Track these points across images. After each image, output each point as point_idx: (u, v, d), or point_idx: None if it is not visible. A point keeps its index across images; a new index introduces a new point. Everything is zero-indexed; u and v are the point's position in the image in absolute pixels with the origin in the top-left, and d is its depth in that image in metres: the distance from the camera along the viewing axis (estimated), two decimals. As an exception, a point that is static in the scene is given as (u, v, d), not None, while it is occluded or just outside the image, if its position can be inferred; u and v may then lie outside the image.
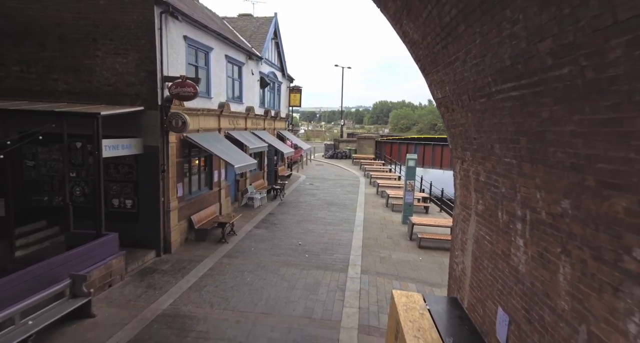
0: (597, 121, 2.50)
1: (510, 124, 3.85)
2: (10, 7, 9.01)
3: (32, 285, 6.15)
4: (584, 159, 2.77)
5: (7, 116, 8.02)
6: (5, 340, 5.30)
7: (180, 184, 10.64)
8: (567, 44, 2.52)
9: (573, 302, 3.06)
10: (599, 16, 2.15)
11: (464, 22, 3.85)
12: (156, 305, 7.37)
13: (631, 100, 2.13)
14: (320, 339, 6.40)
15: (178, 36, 10.09)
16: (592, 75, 2.40)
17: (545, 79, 2.96)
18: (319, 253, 10.67)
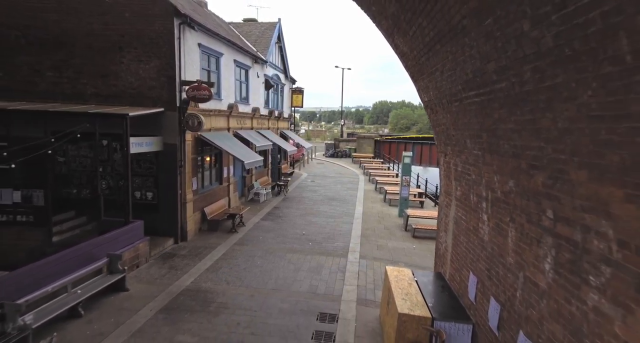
0: (524, 121, 3.54)
1: (475, 122, 4.89)
2: (47, 19, 10.04)
3: (76, 262, 7.17)
4: (519, 149, 3.80)
5: (44, 117, 9.03)
6: (61, 304, 6.33)
7: (194, 179, 11.68)
8: (502, 66, 3.56)
9: (515, 257, 4.11)
10: (516, 50, 3.19)
11: (439, 42, 4.88)
12: (179, 282, 8.40)
13: (539, 107, 3.17)
14: (324, 309, 7.43)
15: (193, 44, 11.12)
16: (518, 89, 3.44)
17: (493, 90, 3.99)
18: (321, 241, 11.70)
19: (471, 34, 3.88)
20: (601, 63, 2.29)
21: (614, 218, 2.53)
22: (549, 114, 3.05)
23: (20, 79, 10.38)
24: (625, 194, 2.38)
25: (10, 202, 9.15)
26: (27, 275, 6.12)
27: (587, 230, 2.85)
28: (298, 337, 6.45)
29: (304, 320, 6.99)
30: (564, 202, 3.13)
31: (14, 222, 9.20)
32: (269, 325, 6.79)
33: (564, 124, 2.89)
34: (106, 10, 9.97)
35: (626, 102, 2.19)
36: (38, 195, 9.16)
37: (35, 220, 9.19)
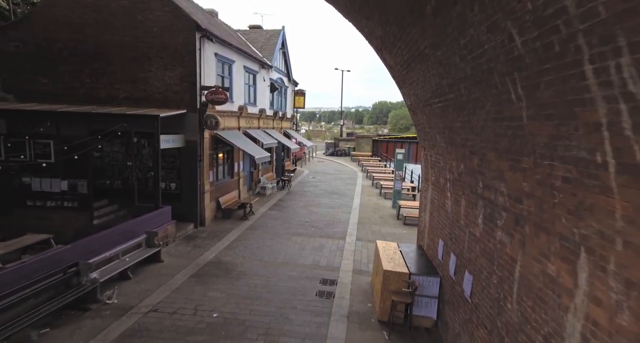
0: (464, 121, 5.12)
1: (440, 122, 6.48)
2: (86, 34, 11.62)
3: (122, 237, 8.75)
4: (464, 140, 5.39)
5: (86, 118, 10.60)
6: (115, 267, 7.91)
7: (211, 172, 13.27)
8: (450, 83, 5.15)
9: (465, 219, 5.70)
10: (455, 73, 4.77)
11: (413, 62, 6.46)
12: (204, 256, 9.99)
13: (470, 111, 4.76)
14: (326, 276, 9.02)
15: (211, 53, 12.71)
16: (459, 99, 5.03)
17: (447, 99, 5.58)
18: (322, 227, 13.29)
19: (431, 59, 5.46)
20: (490, 87, 3.88)
21: (506, 181, 4.13)
22: (475, 116, 4.65)
23: (62, 85, 11.96)
24: (509, 165, 3.98)
25: (59, 190, 10.73)
26: (89, 244, 7.71)
27: (496, 191, 4.45)
28: (304, 294, 8.04)
29: (309, 284, 8.58)
30: (486, 175, 4.72)
31: (62, 207, 10.79)
32: (280, 286, 8.37)
33: (482, 123, 4.48)
34: (137, 25, 11.56)
35: (502, 110, 3.78)
36: (82, 184, 10.75)
37: (79, 206, 10.77)
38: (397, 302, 6.73)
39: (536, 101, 3.11)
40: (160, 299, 7.51)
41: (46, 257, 6.79)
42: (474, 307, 5.13)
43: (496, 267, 4.48)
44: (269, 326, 6.72)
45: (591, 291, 2.74)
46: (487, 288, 4.69)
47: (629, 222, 2.34)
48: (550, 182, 3.21)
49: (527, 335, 3.65)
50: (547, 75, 2.82)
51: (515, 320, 3.92)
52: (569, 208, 2.98)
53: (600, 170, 2.52)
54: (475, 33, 3.69)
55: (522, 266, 3.84)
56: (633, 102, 2.08)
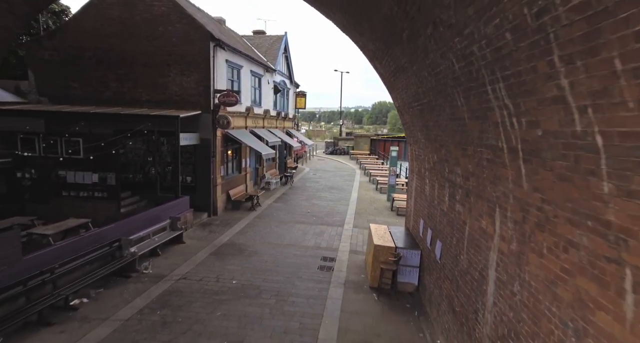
0: (435, 120, 6.56)
1: (419, 121, 7.91)
2: (113, 43, 13.05)
3: (150, 221, 10.17)
4: (436, 136, 6.83)
5: (113, 118, 12.03)
6: (148, 245, 9.34)
7: (222, 167, 14.70)
8: (423, 91, 6.58)
9: (437, 199, 7.14)
10: (426, 84, 6.20)
11: (397, 71, 7.90)
12: (219, 240, 11.42)
13: (437, 113, 6.20)
14: (326, 255, 10.45)
15: (222, 60, 14.14)
16: (430, 103, 6.46)
17: (422, 103, 7.01)
18: (323, 217, 14.72)
19: (409, 72, 6.90)
20: (446, 96, 5.32)
21: (460, 165, 5.57)
22: (440, 117, 6.08)
23: (90, 89, 13.40)
24: (462, 153, 5.42)
25: (91, 182, 12.16)
26: (127, 224, 9.14)
27: (455, 174, 5.89)
28: (308, 267, 9.48)
29: (311, 260, 10.02)
30: (450, 162, 6.16)
31: (93, 197, 12.21)
32: (287, 262, 9.81)
33: (445, 122, 5.92)
34: (158, 35, 12.99)
35: (454, 112, 5.22)
36: (111, 177, 12.17)
37: (108, 196, 12.20)
38: (385, 270, 8.17)
39: (470, 107, 4.54)
40: (187, 270, 8.95)
41: (95, 234, 8.23)
42: (442, 266, 6.57)
43: (455, 231, 5.92)
44: (279, 290, 8.15)
45: (500, 232, 4.18)
46: (450, 249, 6.14)
47: (514, 184, 3.78)
48: (481, 162, 4.65)
49: (471, 274, 5.08)
50: (473, 90, 4.25)
51: (464, 266, 5.36)
52: (490, 179, 4.42)
53: (501, 152, 3.96)
54: (434, 57, 5.12)
55: (469, 226, 5.27)
56: (507, 109, 3.52)
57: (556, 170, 2.95)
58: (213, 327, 6.52)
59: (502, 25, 3.05)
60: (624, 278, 2.31)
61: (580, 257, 2.74)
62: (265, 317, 6.98)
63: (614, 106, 2.15)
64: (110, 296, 7.48)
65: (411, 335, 6.64)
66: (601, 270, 2.51)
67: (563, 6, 2.28)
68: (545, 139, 3.01)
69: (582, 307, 2.71)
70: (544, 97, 2.85)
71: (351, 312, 7.36)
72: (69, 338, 5.95)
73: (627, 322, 2.28)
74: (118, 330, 6.26)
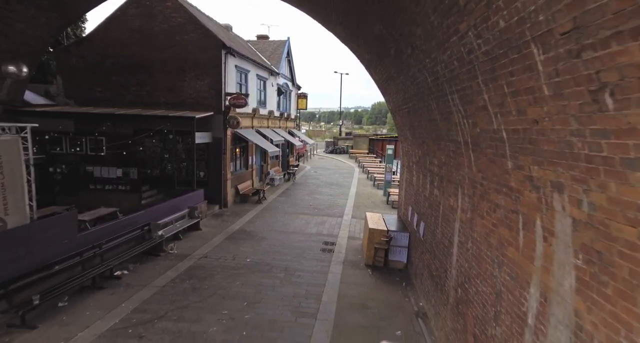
0: (418, 120, 7.92)
1: (407, 121, 9.26)
2: (133, 51, 14.39)
3: (172, 209, 11.49)
4: (420, 134, 8.18)
5: (135, 118, 13.36)
6: (171, 229, 10.67)
7: (232, 163, 16.04)
8: (409, 96, 7.94)
9: (421, 187, 8.49)
10: (410, 90, 7.56)
11: (389, 79, 9.24)
12: (231, 227, 12.77)
13: (419, 115, 7.56)
14: (327, 240, 11.79)
15: (232, 65, 15.48)
16: (414, 107, 7.82)
17: (409, 106, 8.37)
18: (324, 209, 16.06)
19: (397, 80, 8.24)
20: (425, 101, 6.67)
21: (436, 157, 6.93)
22: (422, 118, 7.43)
23: (113, 92, 14.73)
24: (437, 147, 6.77)
25: (115, 176, 13.50)
26: (153, 212, 10.48)
27: (433, 164, 7.24)
28: (311, 250, 10.83)
29: (314, 244, 11.37)
30: (429, 155, 7.51)
31: (117, 190, 13.55)
32: (293, 245, 11.15)
33: (425, 123, 7.26)
34: (174, 44, 14.33)
35: (430, 114, 6.57)
36: (133, 171, 13.51)
37: (130, 188, 13.53)
38: (378, 249, 9.52)
39: (440, 111, 5.89)
40: (206, 251, 10.29)
41: (129, 218, 9.57)
42: (424, 242, 7.92)
43: (433, 211, 7.26)
44: (287, 266, 9.50)
45: (461, 206, 5.53)
46: (430, 226, 7.49)
47: (468, 168, 5.12)
48: (449, 154, 5.99)
49: (443, 244, 6.43)
50: (441, 98, 5.59)
51: (439, 238, 6.71)
52: (455, 166, 5.77)
53: (460, 145, 5.30)
54: (414, 71, 6.47)
55: (442, 205, 6.62)
56: (460, 113, 4.86)
57: (488, 156, 4.30)
58: (234, 293, 7.86)
59: (452, 56, 4.40)
60: (518, 222, 3.65)
61: (501, 213, 4.09)
62: (276, 285, 8.33)
63: (507, 113, 3.49)
64: (145, 269, 8.82)
65: (399, 299, 7.99)
66: (510, 219, 3.86)
67: (479, 50, 3.63)
68: (481, 134, 4.35)
69: (501, 247, 4.06)
70: (477, 105, 4.19)
71: (349, 283, 8.70)
72: (119, 299, 7.29)
73: (520, 249, 3.63)
74: (157, 293, 7.61)
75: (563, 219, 2.87)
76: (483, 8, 3.20)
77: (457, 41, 4.11)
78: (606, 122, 2.20)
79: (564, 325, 2.87)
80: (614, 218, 2.29)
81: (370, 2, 6.43)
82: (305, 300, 7.67)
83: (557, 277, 2.97)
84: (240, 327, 6.54)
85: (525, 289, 3.51)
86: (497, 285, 4.14)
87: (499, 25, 3.06)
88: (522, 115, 3.22)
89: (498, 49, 3.26)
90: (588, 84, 2.26)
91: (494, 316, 4.18)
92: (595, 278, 2.51)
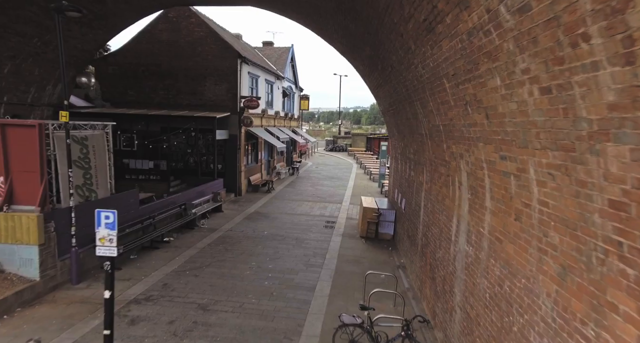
0: (401, 119, 10.25)
1: (393, 120, 11.60)
2: (162, 60, 16.69)
3: (199, 194, 13.79)
4: (403, 130, 10.53)
5: (164, 118, 15.65)
6: (200, 209, 12.98)
7: (245, 157, 18.35)
8: (395, 100, 10.27)
9: (403, 172, 10.85)
10: (397, 95, 9.88)
11: (379, 86, 11.58)
12: (247, 210, 15.08)
13: (402, 115, 9.91)
14: (329, 219, 14.12)
15: (245, 72, 17.78)
16: (398, 109, 10.15)
17: (395, 107, 10.70)
18: (325, 197, 18.39)
19: (385, 87, 10.55)
20: (404, 105, 9.00)
21: (413, 147, 9.26)
22: (403, 117, 9.75)
23: (143, 96, 17.03)
24: (412, 139, 9.10)
25: (147, 168, 15.80)
26: (187, 195, 12.79)
27: (410, 153, 9.58)
28: (316, 226, 13.15)
29: (318, 222, 13.69)
30: (408, 146, 9.84)
31: (149, 180, 15.84)
32: (301, 223, 13.47)
33: (405, 121, 9.58)
34: (197, 54, 16.64)
35: (406, 114, 8.90)
36: (163, 163, 15.81)
37: (160, 178, 15.84)
38: (370, 223, 11.85)
39: (411, 112, 8.19)
40: (230, 226, 12.61)
41: (170, 199, 11.89)
42: (405, 214, 10.24)
43: (410, 188, 9.58)
44: (297, 237, 11.81)
45: (425, 180, 7.84)
46: (408, 200, 9.80)
47: (427, 152, 7.45)
48: (419, 143, 8.31)
49: (415, 210, 8.74)
50: (411, 103, 7.91)
51: (413, 206, 9.03)
52: (421, 152, 8.09)
53: (423, 136, 7.63)
54: (394, 83, 8.78)
55: (416, 182, 8.93)
56: (422, 114, 7.19)
57: (435, 142, 6.62)
58: (258, 252, 10.18)
59: (413, 77, 6.71)
60: (449, 181, 5.98)
61: (443, 179, 6.41)
62: (290, 248, 10.65)
63: (440, 114, 5.81)
64: (186, 237, 11.15)
65: (385, 258, 10.32)
66: (447, 181, 6.18)
67: (424, 76, 5.94)
68: (432, 128, 6.67)
69: (443, 200, 6.38)
70: (428, 109, 6.51)
71: (346, 247, 11.03)
72: (173, 255, 9.61)
73: (450, 198, 5.95)
74: (200, 252, 9.93)
75: (463, 173, 5.19)
76: (421, 54, 5.52)
77: (413, 69, 6.42)
78: (469, 119, 4.52)
79: (464, 233, 5.19)
80: (477, 168, 4.61)
81: (361, 33, 8.76)
82: (313, 257, 10.00)
83: (462, 207, 5.30)
84: (266, 272, 8.86)
85: (451, 220, 5.83)
86: (440, 225, 6.47)
87: (430, 65, 5.38)
88: (445, 116, 5.54)
89: (432, 77, 5.58)
90: (462, 100, 4.58)
91: (439, 245, 6.50)
92: (474, 203, 4.82)
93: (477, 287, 4.64)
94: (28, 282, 6.69)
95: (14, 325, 6.03)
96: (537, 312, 3.20)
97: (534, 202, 3.27)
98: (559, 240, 2.89)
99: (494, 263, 4.16)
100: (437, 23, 4.41)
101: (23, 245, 6.71)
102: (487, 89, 3.80)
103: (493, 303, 4.14)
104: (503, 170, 3.87)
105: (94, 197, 8.86)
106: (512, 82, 3.21)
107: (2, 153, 6.82)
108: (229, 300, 7.30)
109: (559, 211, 2.87)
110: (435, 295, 6.65)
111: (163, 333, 6.05)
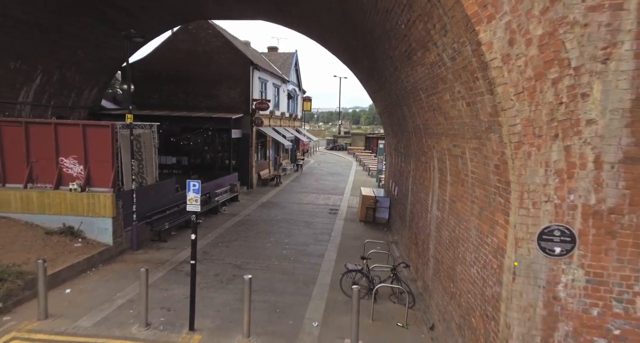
0: (394, 119, 12.25)
1: (388, 120, 13.60)
2: (181, 66, 18.65)
3: (218, 186, 15.74)
4: (395, 128, 12.53)
5: (184, 119, 17.60)
6: (221, 198, 14.94)
7: (255, 154, 20.32)
8: (390, 103, 12.26)
9: (397, 164, 12.85)
10: (390, 98, 11.87)
11: (376, 91, 13.58)
12: (260, 200, 17.06)
13: (394, 116, 11.91)
14: (332, 208, 16.10)
15: (256, 77, 19.74)
16: (392, 110, 12.13)
17: (389, 109, 12.68)
18: (328, 190, 20.37)
19: (381, 93, 12.53)
20: (396, 108, 10.99)
21: (402, 142, 11.26)
22: (396, 118, 11.74)
23: (164, 99, 18.98)
24: (402, 136, 11.10)
25: (171, 163, 17.75)
26: (210, 185, 14.76)
27: (402, 147, 11.58)
28: (322, 212, 15.14)
29: (323, 210, 15.68)
30: (400, 142, 11.83)
31: (172, 173, 17.80)
32: (308, 210, 15.45)
33: (397, 121, 11.57)
34: (213, 62, 18.60)
35: (397, 116, 10.89)
36: (184, 159, 17.77)
37: (182, 172, 17.79)
38: (368, 209, 13.84)
39: (402, 113, 10.17)
40: (248, 212, 14.59)
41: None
42: (397, 199, 12.22)
43: (401, 176, 11.56)
44: (306, 220, 13.79)
45: (412, 168, 9.83)
46: (400, 187, 11.78)
47: (413, 145, 9.43)
48: (407, 139, 10.29)
49: (405, 194, 10.72)
50: (401, 107, 9.88)
51: (403, 191, 11.01)
52: (409, 146, 10.07)
53: (409, 133, 9.61)
54: (388, 90, 10.76)
55: (405, 171, 10.91)
56: (409, 115, 9.17)
57: (418, 137, 8.60)
58: (274, 232, 12.16)
59: (401, 87, 8.68)
60: (427, 167, 7.96)
61: (422, 166, 8.39)
62: (301, 229, 12.64)
63: (419, 116, 7.79)
64: (212, 221, 13.13)
65: (381, 235, 12.31)
66: (425, 167, 8.16)
67: (408, 88, 7.93)
68: (415, 127, 8.65)
69: (423, 181, 8.37)
70: (412, 112, 8.49)
71: (348, 228, 13.02)
72: (205, 232, 11.59)
73: (427, 179, 7.93)
74: (226, 231, 11.91)
75: (435, 159, 7.18)
76: (405, 73, 7.50)
77: (400, 82, 8.40)
78: (435, 120, 6.51)
79: (435, 202, 7.17)
80: (442, 155, 6.59)
81: (361, 48, 10.74)
82: (321, 235, 11.98)
83: (434, 184, 7.28)
84: (283, 245, 10.85)
85: (428, 196, 7.81)
86: (422, 202, 8.45)
87: (411, 81, 7.36)
88: (423, 118, 7.53)
89: (413, 89, 7.55)
90: (432, 107, 6.56)
91: (420, 216, 8.49)
92: (441, 180, 6.80)
93: (442, 237, 6.62)
94: (104, 246, 8.65)
95: (101, 275, 8.01)
96: (469, 239, 5.18)
97: (469, 172, 5.26)
98: (479, 192, 4.88)
99: (451, 217, 6.14)
100: (412, 54, 6.38)
101: (100, 217, 8.67)
102: (443, 101, 5.78)
103: (449, 244, 6.12)
104: (455, 154, 5.85)
105: (144, 183, 10.83)
106: (454, 97, 5.19)
107: (82, 147, 8.78)
108: (257, 262, 9.29)
109: (478, 175, 4.86)
110: (417, 256, 8.63)
111: (212, 281, 8.04)
